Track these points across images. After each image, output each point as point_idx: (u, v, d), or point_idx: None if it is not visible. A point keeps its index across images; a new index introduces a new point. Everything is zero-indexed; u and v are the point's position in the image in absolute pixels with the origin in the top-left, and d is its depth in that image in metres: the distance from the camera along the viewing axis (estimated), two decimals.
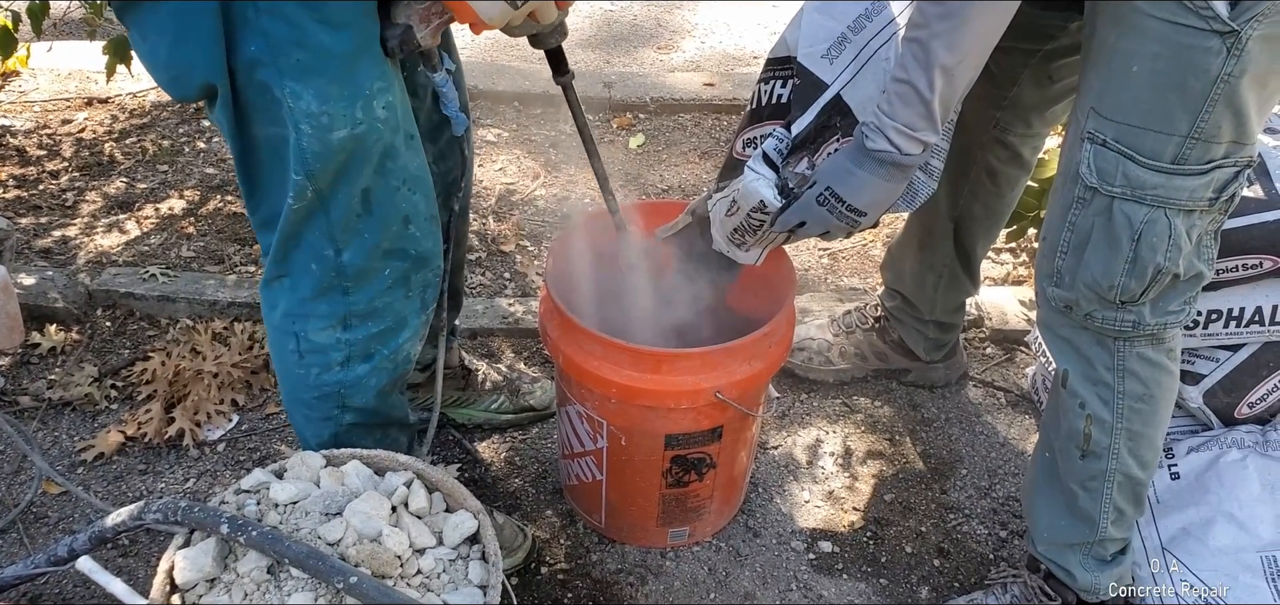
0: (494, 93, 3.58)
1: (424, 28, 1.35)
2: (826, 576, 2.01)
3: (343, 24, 1.31)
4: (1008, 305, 2.66)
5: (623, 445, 1.85)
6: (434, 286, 1.62)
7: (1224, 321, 1.94)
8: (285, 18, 1.27)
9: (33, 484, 2.06)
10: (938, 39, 1.39)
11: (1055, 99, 1.94)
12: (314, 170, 1.37)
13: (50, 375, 2.35)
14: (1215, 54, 1.33)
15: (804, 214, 1.64)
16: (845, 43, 1.67)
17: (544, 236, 2.94)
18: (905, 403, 2.43)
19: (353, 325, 1.54)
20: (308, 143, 1.34)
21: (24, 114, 3.37)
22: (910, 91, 1.44)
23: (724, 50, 4.12)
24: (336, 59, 1.32)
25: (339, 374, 1.58)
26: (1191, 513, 1.91)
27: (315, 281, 1.50)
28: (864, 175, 1.54)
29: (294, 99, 1.32)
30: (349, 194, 1.42)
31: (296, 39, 1.29)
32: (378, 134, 1.39)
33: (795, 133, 1.69)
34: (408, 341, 1.62)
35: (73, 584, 1.88)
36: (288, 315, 1.55)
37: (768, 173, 1.69)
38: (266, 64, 1.30)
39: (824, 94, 1.67)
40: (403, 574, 1.39)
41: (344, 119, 1.34)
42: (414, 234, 1.51)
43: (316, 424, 1.66)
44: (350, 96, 1.34)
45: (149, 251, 2.74)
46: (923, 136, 1.48)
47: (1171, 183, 1.43)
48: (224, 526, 1.36)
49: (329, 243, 1.46)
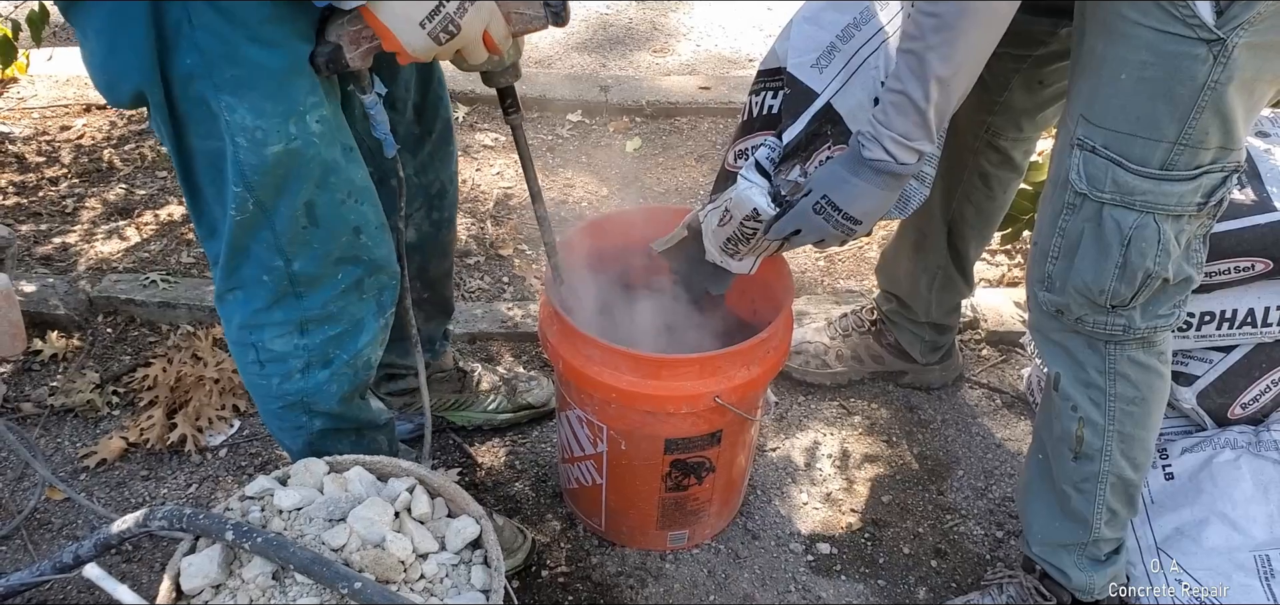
0: (491, 98, 3.59)
1: (354, 49, 1.37)
2: (825, 578, 2.03)
3: (275, 42, 1.32)
4: (1003, 307, 2.68)
5: (622, 449, 1.87)
6: (391, 290, 1.63)
7: (1217, 323, 1.96)
8: (218, 34, 1.29)
9: (36, 491, 2.07)
10: (933, 51, 1.41)
11: (1046, 104, 1.96)
12: (252, 182, 1.38)
13: (52, 382, 2.36)
14: (1202, 62, 1.35)
15: (799, 222, 1.65)
16: (834, 52, 1.68)
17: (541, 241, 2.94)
18: (902, 405, 2.45)
19: (309, 330, 1.56)
20: (244, 156, 1.36)
21: (23, 121, 3.38)
22: (906, 101, 1.45)
23: (719, 53, 4.13)
24: (269, 75, 1.33)
25: (299, 382, 1.60)
26: (1185, 513, 1.93)
27: (268, 291, 1.51)
28: (860, 184, 1.56)
29: (229, 112, 1.33)
30: (292, 207, 1.43)
31: (229, 55, 1.31)
32: (314, 148, 1.40)
33: (786, 140, 1.70)
34: (367, 346, 1.62)
35: (78, 590, 1.89)
36: (243, 327, 1.57)
37: (760, 180, 1.70)
38: (201, 77, 1.32)
39: (814, 103, 1.69)
40: (406, 579, 1.41)
41: (278, 134, 1.36)
42: (366, 243, 1.53)
43: (289, 433, 1.68)
44: (283, 112, 1.35)
45: (149, 258, 2.76)
46: (918, 145, 1.50)
47: (1160, 188, 1.45)
48: (229, 533, 1.37)
49: (277, 254, 1.47)
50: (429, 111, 1.82)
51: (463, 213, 3.03)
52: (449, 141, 1.89)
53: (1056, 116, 2.03)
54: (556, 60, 4.03)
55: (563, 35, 4.18)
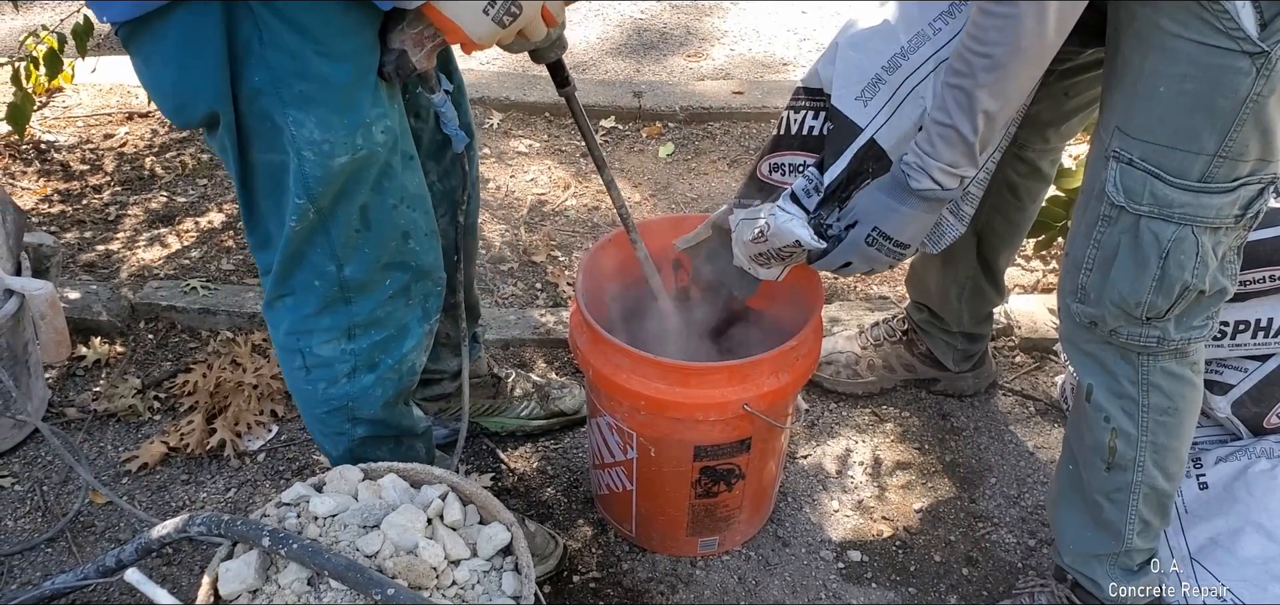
0: (526, 104, 3.62)
1: (418, 51, 1.39)
2: (856, 586, 2.03)
3: (343, 56, 1.35)
4: (1037, 313, 2.67)
5: (652, 456, 1.88)
6: (436, 297, 1.65)
7: (1252, 332, 1.94)
8: (288, 50, 1.31)
9: (80, 495, 2.12)
10: (982, 88, 1.44)
11: (1071, 114, 1.95)
12: (316, 193, 1.41)
13: (95, 387, 2.42)
14: (1245, 74, 1.35)
15: (851, 255, 1.70)
16: (879, 84, 1.68)
17: (575, 247, 2.97)
18: (934, 412, 2.44)
19: (357, 335, 1.58)
20: (310, 168, 1.38)
21: (67, 129, 3.45)
22: (954, 134, 1.50)
23: (753, 57, 4.13)
24: (337, 89, 1.35)
25: (345, 386, 1.62)
26: (1220, 523, 1.91)
27: (319, 297, 1.54)
28: (908, 211, 1.61)
29: (297, 127, 1.35)
30: (349, 212, 1.46)
31: (298, 70, 1.33)
32: (377, 157, 1.43)
33: (828, 181, 1.71)
34: (412, 351, 1.65)
35: (119, 592, 1.94)
36: (291, 333, 1.59)
37: (799, 212, 1.73)
38: (269, 93, 1.34)
39: (857, 139, 1.69)
40: (438, 585, 1.43)
41: (345, 146, 1.38)
42: (414, 248, 1.55)
43: (331, 438, 1.71)
44: (351, 124, 1.38)
45: (190, 265, 2.81)
46: (963, 172, 1.55)
47: (1199, 201, 1.44)
48: (265, 539, 1.40)
49: (330, 259, 1.50)
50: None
51: (497, 219, 3.06)
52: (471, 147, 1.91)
53: (1083, 125, 2.02)
54: (591, 66, 4.05)
55: (597, 40, 4.20)
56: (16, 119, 3.07)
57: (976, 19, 1.43)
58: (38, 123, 3.44)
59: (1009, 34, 1.40)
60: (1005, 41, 1.40)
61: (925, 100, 1.63)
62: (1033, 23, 1.38)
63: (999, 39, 1.40)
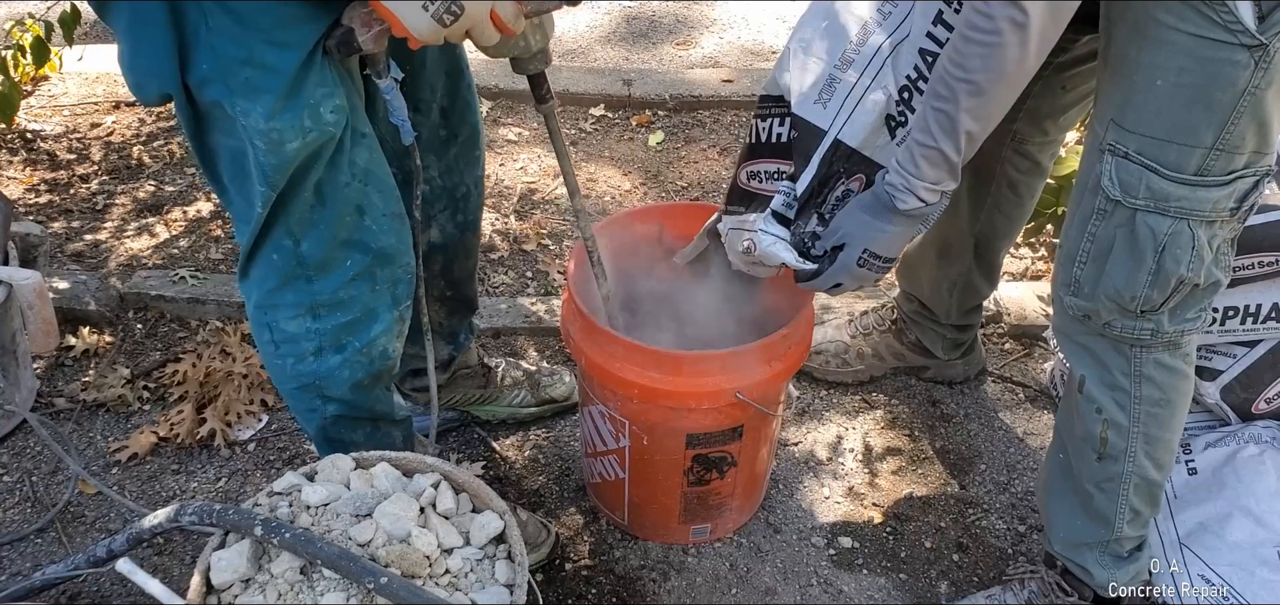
0: (515, 92, 3.61)
1: (366, 32, 1.38)
2: (847, 572, 2.04)
3: (288, 44, 1.35)
4: (1026, 301, 2.68)
5: (645, 444, 1.89)
6: (405, 284, 1.65)
7: (1241, 318, 1.95)
8: (233, 38, 1.32)
9: (69, 485, 2.11)
10: (965, 111, 1.47)
11: (1069, 105, 1.95)
12: (274, 181, 1.42)
13: (84, 377, 2.41)
14: (1243, 67, 1.34)
15: (841, 277, 1.72)
16: (835, 83, 1.69)
17: (566, 235, 2.97)
18: (924, 399, 2.45)
19: (321, 314, 1.59)
20: (263, 157, 1.39)
21: (54, 118, 3.42)
22: (938, 155, 1.53)
23: (743, 45, 4.13)
24: (283, 76, 1.35)
25: (313, 364, 1.63)
26: (1209, 508, 1.92)
27: (278, 272, 1.55)
28: (896, 230, 1.64)
29: (244, 116, 1.36)
30: (303, 187, 1.46)
31: (244, 57, 1.33)
32: (329, 136, 1.43)
33: (801, 190, 1.73)
34: (382, 336, 1.65)
35: (110, 582, 1.93)
36: (258, 307, 1.61)
37: (782, 232, 1.76)
38: (216, 81, 1.35)
39: (822, 141, 1.70)
40: (431, 574, 1.43)
41: (294, 131, 1.38)
42: (370, 226, 1.55)
43: (304, 414, 1.73)
44: (297, 109, 1.38)
45: (178, 254, 2.80)
46: (945, 187, 1.59)
47: (1195, 194, 1.44)
48: (258, 529, 1.40)
49: (287, 234, 1.51)
50: (457, 115, 1.84)
51: (487, 207, 3.05)
52: (476, 146, 1.90)
53: (1081, 116, 2.02)
54: (580, 54, 4.04)
55: (587, 28, 4.19)
56: (3, 108, 3.05)
57: (958, 45, 1.44)
58: (24, 112, 3.41)
59: (992, 60, 1.41)
60: (988, 67, 1.42)
61: (887, 89, 1.65)
62: (1015, 49, 1.39)
63: (981, 65, 1.42)
